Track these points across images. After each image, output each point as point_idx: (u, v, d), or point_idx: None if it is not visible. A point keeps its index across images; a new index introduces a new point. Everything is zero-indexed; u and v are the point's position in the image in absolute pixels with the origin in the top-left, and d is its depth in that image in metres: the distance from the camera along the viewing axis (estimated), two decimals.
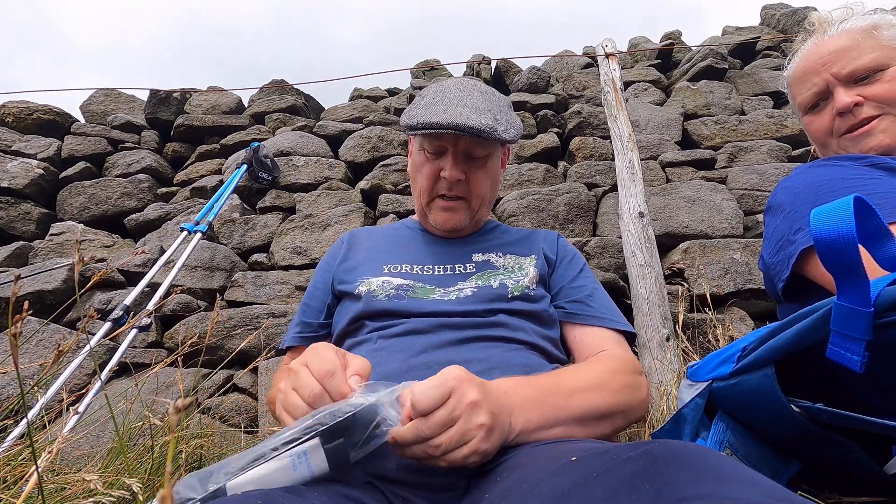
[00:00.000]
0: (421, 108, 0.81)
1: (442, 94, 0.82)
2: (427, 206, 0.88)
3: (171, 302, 1.89)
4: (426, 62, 3.62)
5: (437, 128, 0.76)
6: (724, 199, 2.15)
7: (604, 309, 0.81)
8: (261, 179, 2.46)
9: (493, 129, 0.77)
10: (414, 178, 0.90)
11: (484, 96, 0.83)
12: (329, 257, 0.94)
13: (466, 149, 0.82)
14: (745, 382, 0.49)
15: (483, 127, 0.76)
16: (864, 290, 0.38)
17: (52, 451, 0.61)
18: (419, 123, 0.78)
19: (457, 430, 0.48)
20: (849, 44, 0.78)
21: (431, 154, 0.84)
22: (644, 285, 1.71)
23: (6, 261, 2.24)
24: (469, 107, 0.78)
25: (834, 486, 0.50)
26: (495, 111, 0.81)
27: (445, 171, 0.82)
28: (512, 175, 2.45)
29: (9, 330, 0.38)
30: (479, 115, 0.77)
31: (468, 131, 0.76)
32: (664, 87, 3.13)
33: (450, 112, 0.77)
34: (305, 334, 0.87)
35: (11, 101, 2.99)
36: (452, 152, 0.82)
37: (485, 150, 0.83)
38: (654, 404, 1.31)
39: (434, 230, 0.91)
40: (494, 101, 0.84)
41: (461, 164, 0.83)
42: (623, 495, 0.33)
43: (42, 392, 1.27)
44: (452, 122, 0.75)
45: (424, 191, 0.87)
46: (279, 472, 0.45)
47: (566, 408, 0.59)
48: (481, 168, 0.85)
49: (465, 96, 0.81)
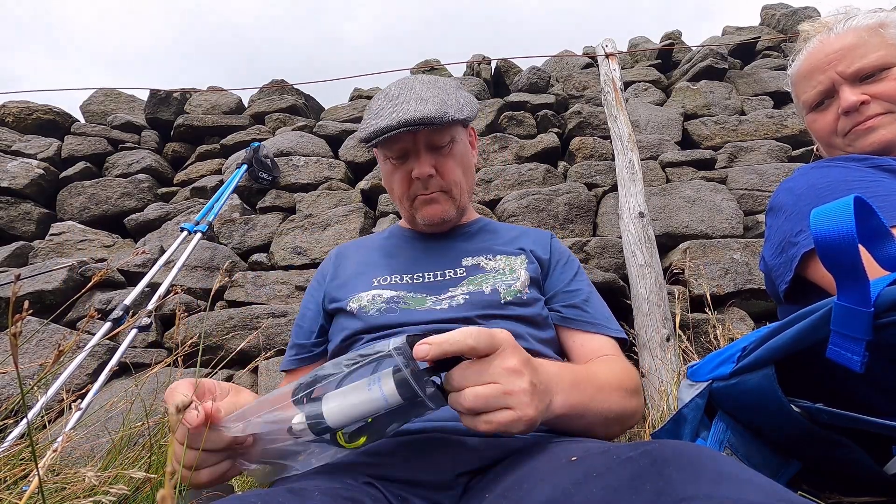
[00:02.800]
0: (370, 119, 0.80)
1: (386, 98, 0.81)
2: (410, 208, 0.87)
3: (170, 302, 1.90)
4: (426, 62, 3.62)
5: (389, 131, 0.75)
6: (724, 199, 2.15)
7: (599, 315, 0.81)
8: (261, 179, 2.46)
9: (444, 113, 0.76)
10: (390, 188, 0.89)
11: (426, 85, 0.82)
12: (319, 276, 0.93)
13: (427, 141, 0.81)
14: (745, 382, 0.49)
15: (432, 114, 0.75)
16: (865, 290, 0.38)
17: (57, 450, 0.61)
18: (370, 133, 0.77)
19: (499, 389, 0.45)
20: (855, 42, 0.77)
21: (396, 160, 0.83)
22: (644, 285, 1.71)
23: (6, 261, 2.24)
24: (413, 100, 0.77)
25: (834, 486, 0.50)
26: (442, 95, 0.80)
27: (415, 171, 0.81)
28: (512, 175, 2.45)
29: (9, 330, 0.38)
30: (425, 105, 0.76)
31: (419, 123, 0.74)
32: (664, 87, 3.14)
33: (396, 111, 0.76)
34: (301, 356, 0.87)
35: (11, 101, 2.99)
36: (414, 150, 0.81)
37: (445, 136, 0.82)
38: (654, 404, 1.32)
39: (424, 229, 0.90)
40: (439, 86, 0.82)
41: (428, 159, 0.81)
42: (623, 495, 0.33)
43: (42, 392, 1.27)
44: (402, 120, 0.74)
45: (403, 197, 0.86)
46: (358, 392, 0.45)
47: (595, 401, 0.61)
48: (449, 156, 0.84)
49: (407, 92, 0.80)
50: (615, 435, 0.68)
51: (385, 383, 0.45)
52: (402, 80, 0.85)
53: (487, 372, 0.46)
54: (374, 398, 0.45)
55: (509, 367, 0.46)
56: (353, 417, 0.45)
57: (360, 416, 0.45)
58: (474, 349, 0.45)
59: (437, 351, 0.44)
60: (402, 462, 0.57)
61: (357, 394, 0.45)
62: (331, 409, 0.45)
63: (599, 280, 1.76)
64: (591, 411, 0.59)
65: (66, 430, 1.03)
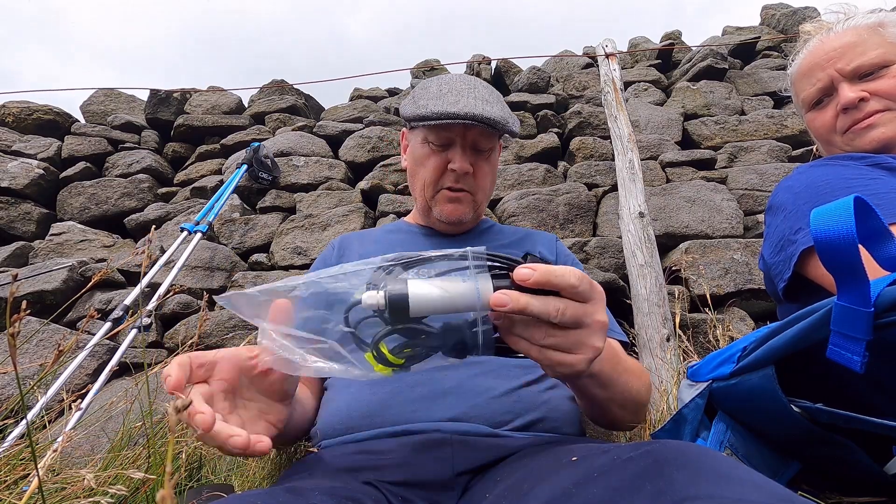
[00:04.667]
0: (429, 99, 0.80)
1: (448, 86, 0.82)
2: (432, 198, 0.86)
3: (171, 302, 1.90)
4: (426, 62, 3.62)
5: (454, 118, 0.75)
6: (724, 199, 2.15)
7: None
8: (261, 179, 2.46)
9: (506, 121, 0.79)
10: (415, 172, 0.88)
11: (489, 90, 0.84)
12: (320, 262, 0.93)
13: (474, 141, 0.82)
14: (745, 382, 0.49)
15: (496, 117, 0.77)
16: (865, 290, 0.38)
17: (57, 450, 0.61)
18: (431, 113, 0.77)
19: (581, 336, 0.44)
20: (854, 40, 0.78)
21: (437, 146, 0.83)
22: (644, 285, 1.71)
23: (6, 261, 2.24)
24: (479, 98, 0.79)
25: (834, 486, 0.50)
26: (501, 104, 0.83)
27: (455, 163, 0.81)
28: (512, 175, 2.45)
29: (8, 330, 0.38)
30: (491, 107, 0.78)
31: (484, 121, 0.76)
32: (664, 87, 3.13)
33: (462, 102, 0.77)
34: None
35: (11, 101, 2.99)
36: (461, 144, 0.82)
37: (490, 142, 0.84)
38: (655, 404, 1.31)
39: (437, 225, 0.90)
40: (496, 95, 0.85)
41: (469, 156, 0.82)
42: (624, 495, 0.33)
43: (42, 392, 1.27)
44: (469, 112, 0.75)
45: (429, 183, 0.85)
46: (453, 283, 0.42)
47: (620, 377, 0.61)
48: (486, 161, 0.85)
49: (471, 89, 0.81)
50: (626, 422, 0.67)
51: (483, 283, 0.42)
52: (461, 75, 0.86)
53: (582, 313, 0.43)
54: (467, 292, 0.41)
55: (599, 321, 0.45)
56: (436, 308, 0.41)
57: (444, 308, 0.42)
58: (575, 289, 0.42)
59: (539, 278, 0.41)
60: (402, 462, 0.57)
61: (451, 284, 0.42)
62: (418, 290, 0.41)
63: (599, 280, 1.76)
64: (614, 385, 0.59)
65: (66, 430, 1.03)
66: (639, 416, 0.68)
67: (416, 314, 0.41)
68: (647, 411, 0.70)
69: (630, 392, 0.62)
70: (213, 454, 1.22)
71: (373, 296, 0.41)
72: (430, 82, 0.86)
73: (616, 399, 0.61)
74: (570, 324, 0.43)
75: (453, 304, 0.41)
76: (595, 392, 0.59)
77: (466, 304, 0.41)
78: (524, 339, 0.44)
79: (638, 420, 0.69)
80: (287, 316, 0.43)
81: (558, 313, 0.42)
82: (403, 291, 0.41)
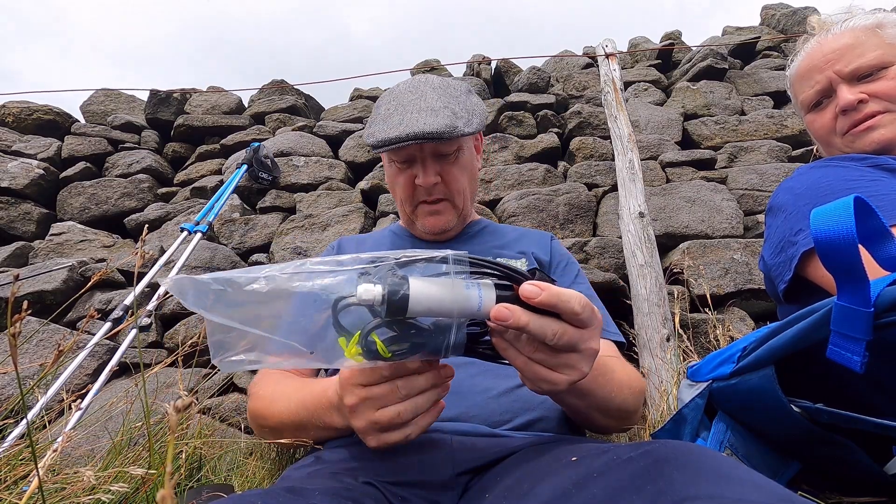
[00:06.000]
0: (378, 124, 0.79)
1: (395, 101, 0.80)
2: (412, 213, 0.87)
3: (171, 302, 1.89)
4: (426, 62, 3.62)
5: (397, 142, 0.74)
6: (724, 200, 2.15)
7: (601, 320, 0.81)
8: (261, 179, 2.46)
9: (454, 128, 0.75)
10: (392, 189, 0.88)
11: (438, 92, 0.80)
12: None
13: (434, 150, 0.80)
14: (745, 382, 0.49)
15: (442, 129, 0.74)
16: (865, 291, 0.38)
17: (57, 450, 0.60)
18: (378, 141, 0.76)
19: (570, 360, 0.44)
20: (852, 42, 0.78)
21: (401, 164, 0.82)
22: (644, 285, 1.71)
23: (6, 261, 2.24)
24: (424, 110, 0.76)
25: (834, 486, 0.50)
26: (452, 105, 0.78)
27: (419, 179, 0.81)
28: (512, 175, 2.45)
29: (8, 330, 0.38)
30: (436, 117, 0.75)
31: (427, 138, 0.73)
32: (664, 88, 3.13)
33: (406, 121, 0.75)
34: None
35: (11, 101, 2.99)
36: (420, 158, 0.80)
37: (452, 146, 0.81)
38: (654, 404, 1.32)
39: (423, 235, 0.90)
40: (450, 93, 0.81)
41: (433, 167, 0.81)
42: (624, 495, 0.33)
43: (42, 392, 1.27)
44: (410, 133, 0.73)
45: (405, 200, 0.85)
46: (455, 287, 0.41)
47: (600, 386, 0.59)
48: (454, 164, 0.83)
49: (418, 99, 0.78)
50: (611, 429, 0.67)
51: (486, 291, 0.42)
52: (412, 81, 0.84)
53: (578, 338, 0.43)
54: (470, 298, 0.41)
55: (592, 349, 0.45)
56: (432, 310, 0.41)
57: (440, 311, 0.41)
58: (577, 316, 0.42)
59: (546, 299, 0.41)
60: (402, 462, 0.57)
61: (450, 289, 0.41)
62: (418, 290, 0.40)
63: (599, 280, 1.76)
64: (592, 395, 0.58)
65: (66, 430, 1.03)
66: (624, 423, 0.67)
67: (413, 314, 0.41)
68: (636, 417, 0.68)
69: (612, 401, 0.61)
70: (214, 454, 1.22)
71: (370, 290, 0.40)
72: (382, 99, 0.84)
73: (597, 407, 0.60)
74: (564, 348, 0.43)
75: (451, 309, 0.41)
76: (571, 401, 0.58)
77: (465, 310, 0.41)
78: (514, 348, 0.44)
79: (624, 427, 0.68)
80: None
81: (555, 336, 0.42)
82: (404, 290, 0.40)
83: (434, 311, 0.41)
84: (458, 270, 0.42)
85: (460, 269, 0.43)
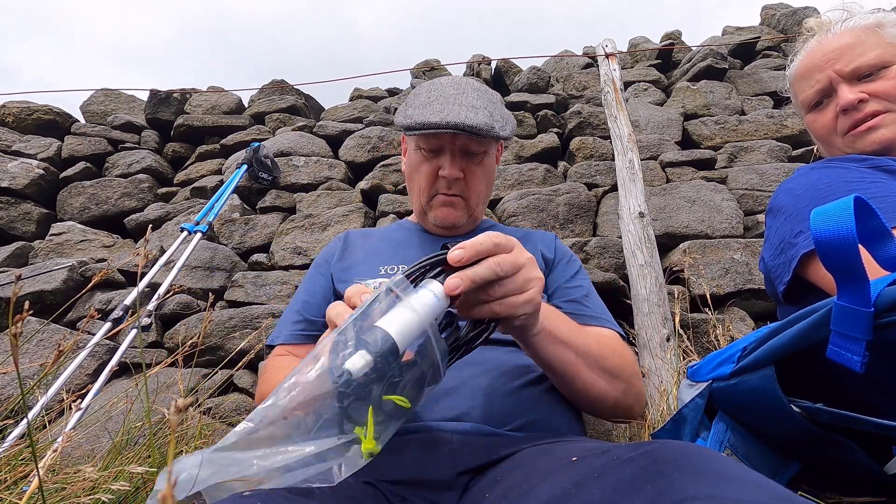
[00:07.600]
0: (416, 108, 0.81)
1: (437, 92, 0.82)
2: (427, 204, 0.88)
3: (171, 302, 1.89)
4: (426, 62, 3.62)
5: (436, 128, 0.76)
6: (724, 199, 2.15)
7: (599, 310, 0.82)
8: (261, 179, 2.46)
9: (491, 127, 0.78)
10: (411, 177, 0.91)
11: (478, 94, 0.83)
12: (326, 254, 0.94)
13: (464, 146, 0.83)
14: (745, 382, 0.49)
15: (481, 125, 0.77)
16: (865, 290, 0.38)
17: (57, 450, 0.61)
18: (416, 124, 0.78)
19: (523, 275, 0.49)
20: (852, 41, 0.78)
21: (428, 152, 0.84)
22: (644, 285, 1.71)
23: (6, 261, 2.24)
24: (465, 105, 0.79)
25: (834, 486, 0.50)
26: (491, 108, 0.82)
27: (444, 170, 0.83)
28: (512, 175, 2.45)
29: (9, 330, 0.38)
30: (476, 114, 0.78)
31: (467, 130, 0.76)
32: (664, 87, 3.13)
33: (447, 111, 0.77)
34: (310, 332, 0.82)
35: (11, 101, 2.99)
36: (450, 150, 0.82)
37: (481, 147, 0.84)
38: (654, 404, 1.31)
39: (433, 229, 0.91)
40: (489, 98, 0.84)
41: (459, 162, 0.83)
42: (624, 495, 0.33)
43: (42, 392, 1.27)
44: (451, 122, 0.75)
45: (423, 189, 0.87)
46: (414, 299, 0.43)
47: (581, 339, 0.63)
48: (479, 165, 0.86)
49: (460, 94, 0.81)
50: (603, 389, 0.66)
51: (433, 285, 0.45)
52: (453, 78, 0.87)
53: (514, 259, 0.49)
54: (427, 300, 0.44)
55: (529, 257, 0.51)
56: (413, 330, 0.42)
57: (420, 327, 0.42)
58: (499, 246, 0.49)
59: (470, 251, 0.47)
60: (402, 462, 0.57)
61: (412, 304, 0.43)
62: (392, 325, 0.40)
63: (599, 280, 1.76)
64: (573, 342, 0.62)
65: (66, 430, 1.03)
66: (613, 383, 0.66)
67: (404, 347, 0.41)
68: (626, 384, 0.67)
69: (592, 352, 0.64)
70: None
71: (357, 359, 0.38)
72: (422, 88, 0.86)
73: (584, 360, 0.63)
74: (511, 270, 0.48)
75: (423, 320, 0.43)
76: (558, 352, 0.60)
77: (433, 312, 0.44)
78: (483, 302, 0.49)
79: (614, 389, 0.66)
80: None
81: (499, 266, 0.48)
82: (384, 334, 0.40)
83: (415, 331, 0.42)
84: (403, 288, 0.44)
85: (404, 287, 0.44)
